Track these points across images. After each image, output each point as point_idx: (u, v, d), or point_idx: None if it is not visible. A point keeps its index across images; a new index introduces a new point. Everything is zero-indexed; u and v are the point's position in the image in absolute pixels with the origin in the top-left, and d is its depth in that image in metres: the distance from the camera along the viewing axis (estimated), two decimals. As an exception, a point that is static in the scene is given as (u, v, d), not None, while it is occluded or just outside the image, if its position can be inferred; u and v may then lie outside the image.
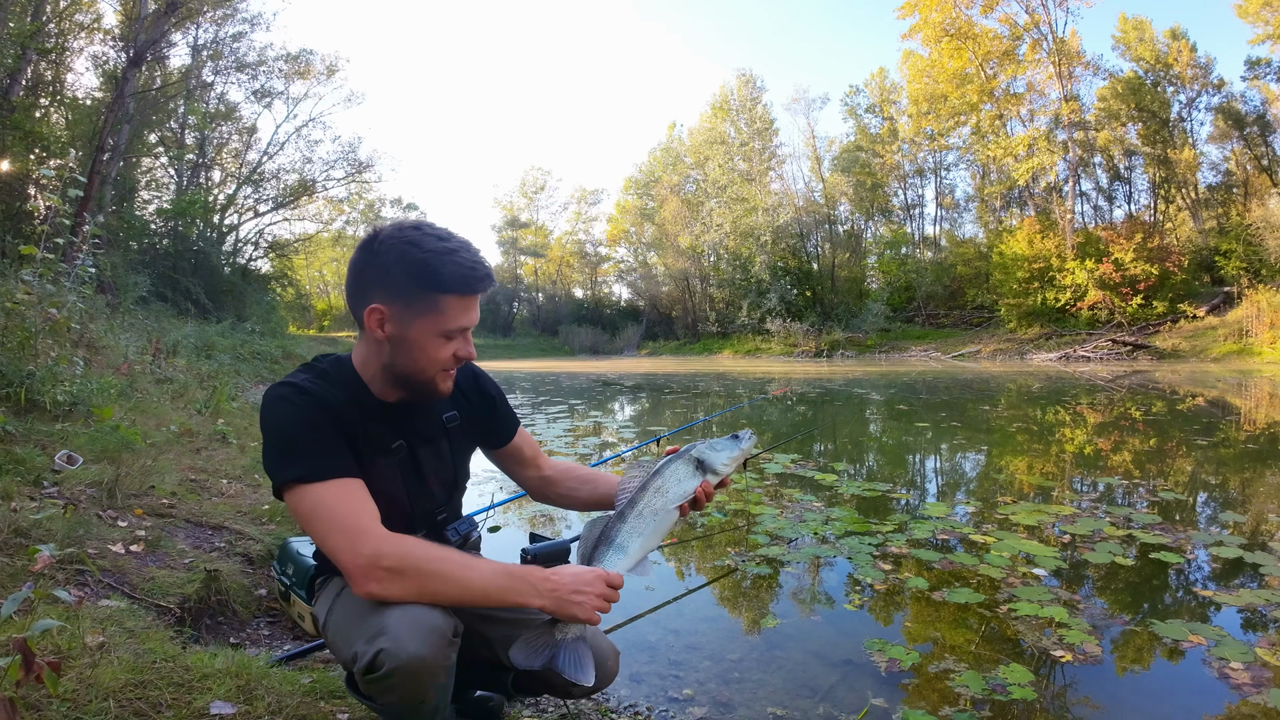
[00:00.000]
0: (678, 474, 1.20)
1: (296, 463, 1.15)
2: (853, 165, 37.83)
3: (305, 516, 1.14)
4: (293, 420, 1.18)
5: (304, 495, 1.14)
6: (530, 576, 1.12)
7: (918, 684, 2.03)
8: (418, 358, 1.22)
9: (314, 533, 1.14)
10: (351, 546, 1.08)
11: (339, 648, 1.22)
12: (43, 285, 4.01)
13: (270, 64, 25.14)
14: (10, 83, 12.11)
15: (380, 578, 1.07)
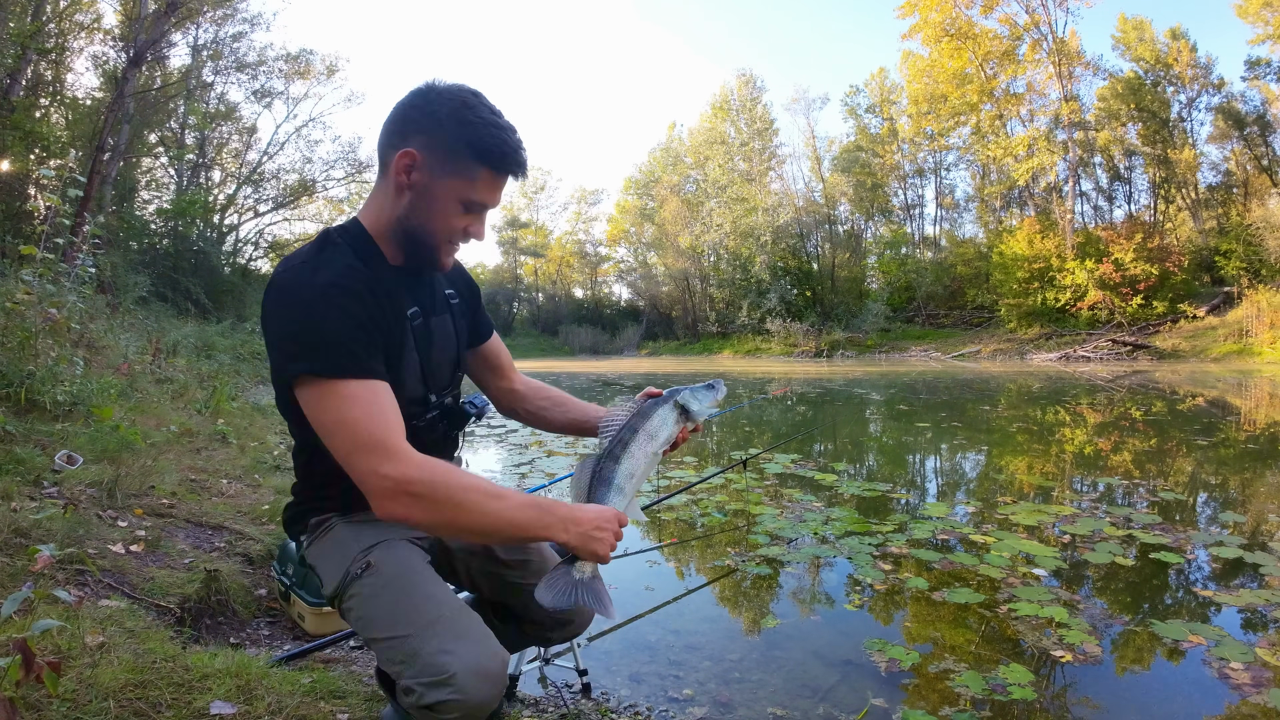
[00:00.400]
0: (665, 419, 1.23)
1: (318, 353, 1.03)
2: (853, 165, 37.84)
3: (323, 421, 1.03)
4: (314, 304, 1.06)
5: (324, 393, 1.03)
6: (557, 510, 1.08)
7: (918, 684, 2.03)
8: (434, 218, 1.16)
9: (334, 441, 1.03)
10: (377, 463, 1.00)
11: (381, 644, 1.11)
12: (43, 285, 4.01)
13: (270, 64, 25.15)
14: (10, 83, 12.11)
15: (406, 503, 1.00)
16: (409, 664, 1.06)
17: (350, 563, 1.17)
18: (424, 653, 1.04)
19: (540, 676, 2.03)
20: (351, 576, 1.16)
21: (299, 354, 1.05)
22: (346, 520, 1.23)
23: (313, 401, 1.04)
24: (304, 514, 1.28)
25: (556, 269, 51.19)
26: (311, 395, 1.04)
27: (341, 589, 1.17)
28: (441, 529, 1.03)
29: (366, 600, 1.14)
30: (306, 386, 1.04)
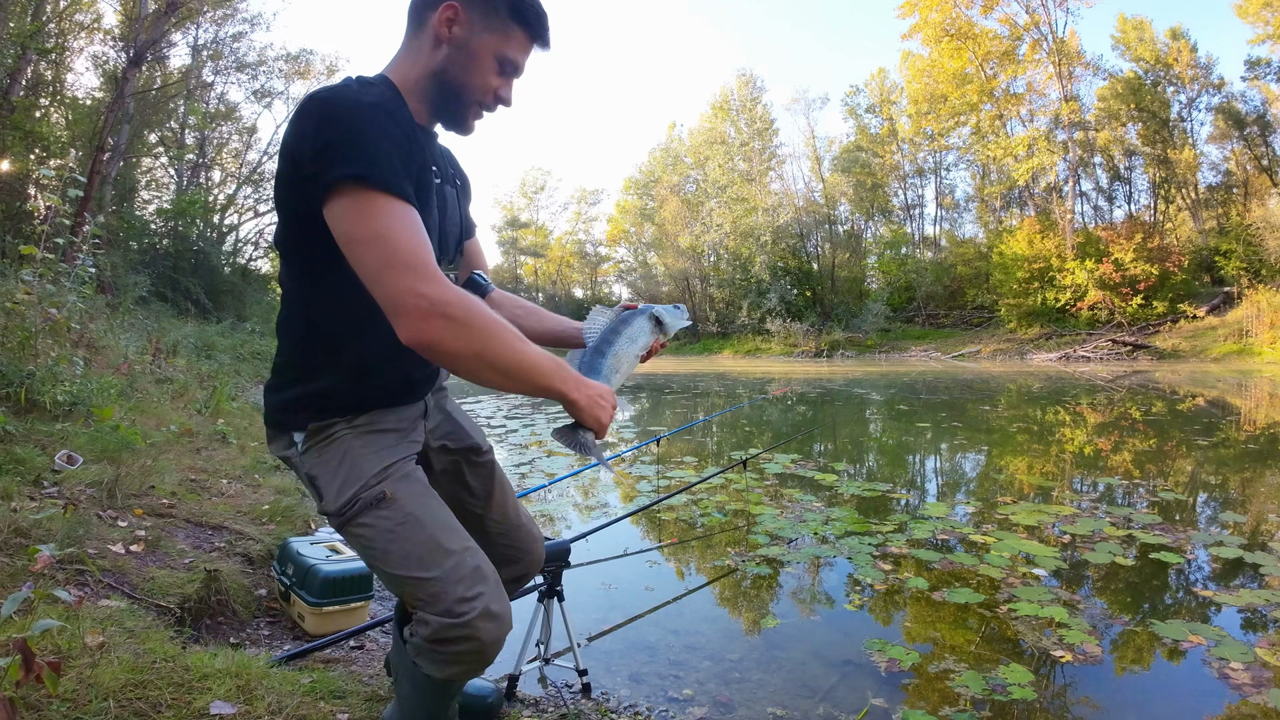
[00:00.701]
0: (644, 327, 1.32)
1: (366, 161, 0.98)
2: (853, 165, 37.83)
3: (359, 233, 0.97)
4: (363, 116, 1.02)
5: (366, 203, 0.97)
6: (570, 370, 1.10)
7: (918, 684, 2.03)
8: (471, 72, 1.17)
9: (368, 255, 0.96)
10: (415, 281, 0.94)
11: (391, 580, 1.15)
12: (43, 285, 4.01)
13: (270, 64, 25.17)
14: (10, 83, 12.11)
15: (441, 326, 0.95)
16: (430, 604, 1.10)
17: (361, 486, 1.15)
18: (447, 597, 1.09)
19: (540, 676, 2.03)
20: (364, 504, 1.14)
21: (345, 159, 0.98)
22: (353, 429, 1.19)
23: (351, 212, 0.98)
24: (300, 409, 1.19)
25: (556, 269, 51.22)
26: (351, 205, 0.98)
27: (348, 512, 1.15)
28: (467, 359, 0.98)
29: (383, 534, 1.14)
30: (347, 195, 0.98)
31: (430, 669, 1.16)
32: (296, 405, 1.20)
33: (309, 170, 1.01)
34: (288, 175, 1.08)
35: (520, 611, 2.45)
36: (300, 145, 1.03)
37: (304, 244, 1.10)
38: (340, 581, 2.24)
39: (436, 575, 1.10)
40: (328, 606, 2.20)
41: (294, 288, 1.20)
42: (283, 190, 1.11)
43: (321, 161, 0.99)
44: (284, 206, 1.13)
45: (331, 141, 1.00)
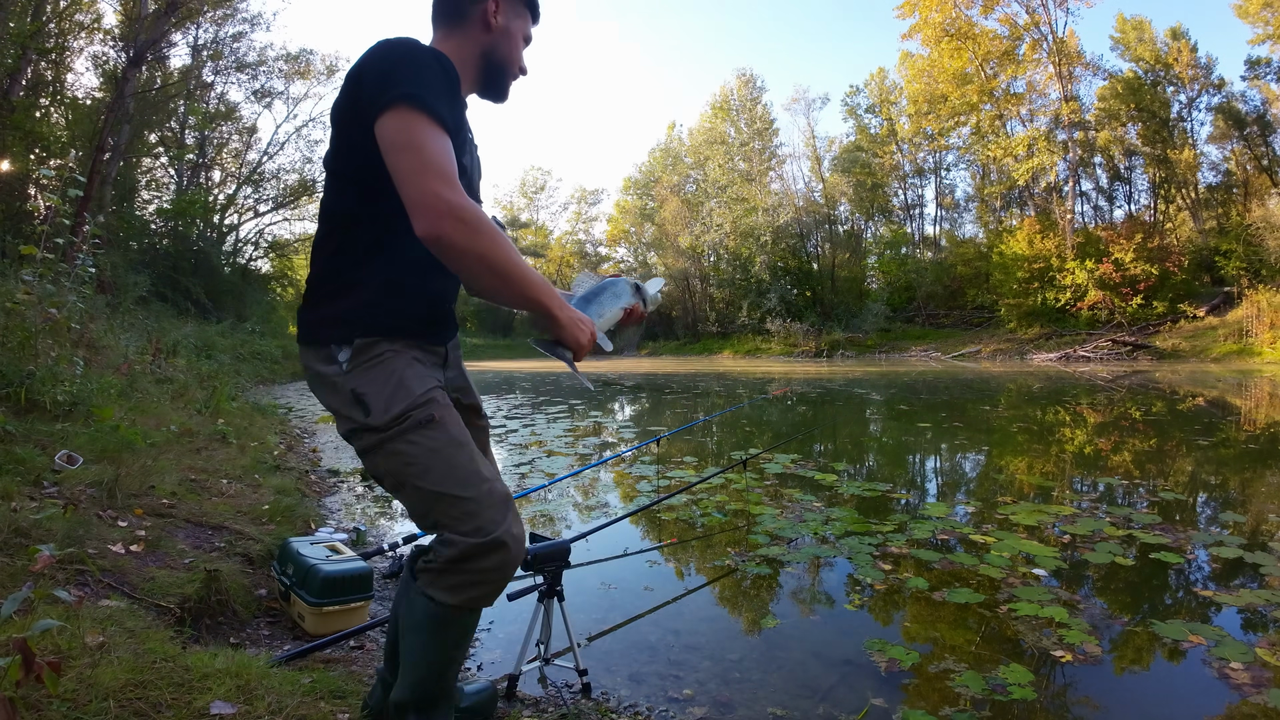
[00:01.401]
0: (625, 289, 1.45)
1: (422, 87, 1.14)
2: (853, 165, 37.83)
3: (402, 140, 1.12)
4: (422, 58, 1.19)
5: (416, 121, 1.12)
6: (558, 293, 1.26)
7: (918, 684, 2.03)
8: (512, 50, 1.41)
9: (406, 158, 1.11)
10: (440, 186, 1.09)
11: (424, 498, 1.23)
12: (43, 285, 4.01)
13: (270, 64, 25.16)
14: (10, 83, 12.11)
15: (455, 226, 1.09)
16: (461, 522, 1.21)
17: (411, 404, 1.23)
18: (480, 516, 1.21)
19: (540, 676, 2.03)
20: (413, 421, 1.23)
21: (402, 83, 1.13)
22: (394, 349, 1.28)
23: (398, 123, 1.12)
24: (341, 323, 1.27)
25: (556, 269, 51.17)
26: (399, 118, 1.12)
27: (395, 428, 1.22)
28: (472, 260, 1.12)
29: (428, 452, 1.23)
30: (398, 111, 1.13)
31: (446, 595, 1.23)
32: (337, 319, 1.27)
33: (370, 94, 1.16)
34: (349, 98, 1.22)
35: (520, 611, 2.45)
36: (365, 72, 1.19)
37: (352, 161, 1.24)
38: (340, 581, 2.24)
39: (473, 495, 1.22)
40: (328, 606, 2.20)
41: (336, 202, 1.30)
42: (344, 114, 1.24)
43: (382, 85, 1.15)
44: (341, 129, 1.26)
45: (393, 70, 1.16)
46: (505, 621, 2.49)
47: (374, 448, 1.26)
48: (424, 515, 1.26)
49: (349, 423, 1.28)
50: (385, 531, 3.61)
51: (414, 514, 1.28)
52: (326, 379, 1.29)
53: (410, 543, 3.05)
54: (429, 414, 1.24)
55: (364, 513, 3.98)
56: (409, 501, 1.27)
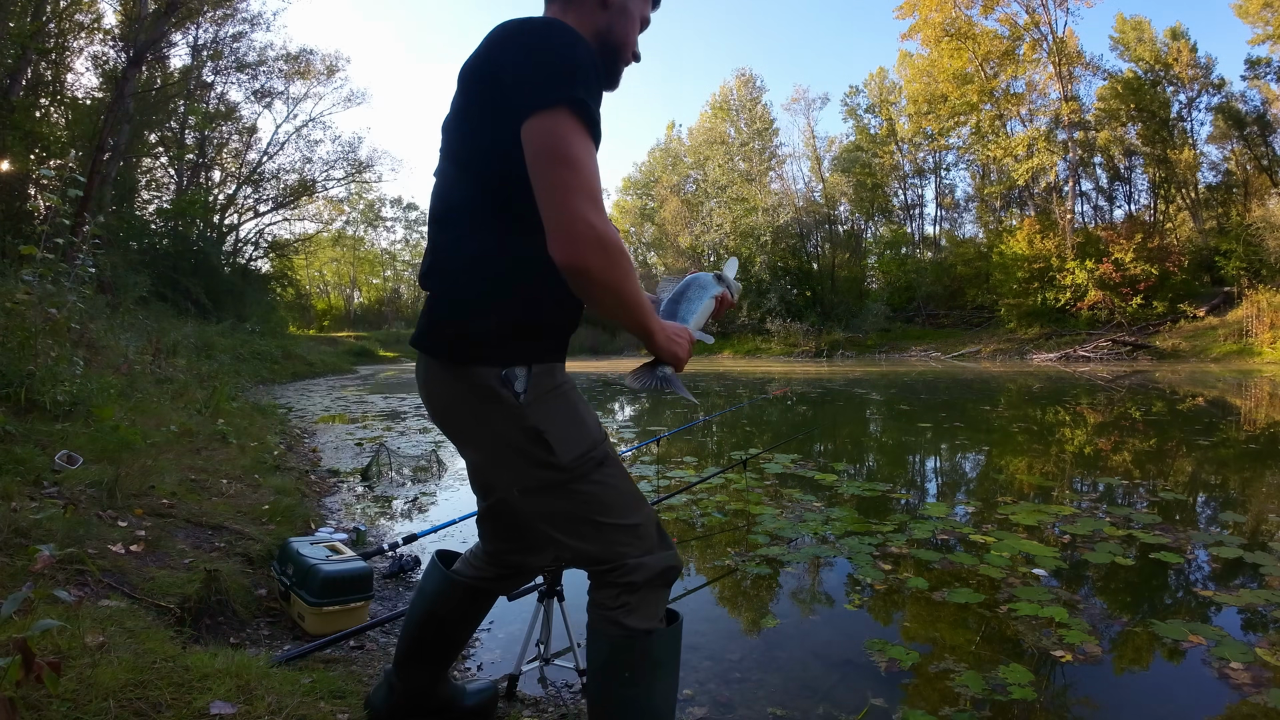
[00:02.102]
0: (709, 281, 1.44)
1: (586, 90, 1.04)
2: (853, 165, 37.81)
3: (559, 156, 1.02)
4: (583, 52, 1.07)
5: (573, 132, 1.02)
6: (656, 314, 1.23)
7: (918, 684, 2.03)
8: (629, 31, 1.27)
9: (560, 174, 1.01)
10: (590, 211, 1.01)
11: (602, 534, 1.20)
12: (43, 285, 4.01)
13: (270, 64, 25.21)
14: (10, 83, 12.12)
15: (599, 257, 1.02)
16: (639, 544, 1.20)
17: (591, 445, 1.20)
18: (652, 534, 1.22)
19: (540, 676, 2.03)
20: (593, 462, 1.19)
21: (568, 81, 1.03)
22: (566, 378, 1.25)
23: (559, 133, 1.02)
24: (514, 342, 1.16)
25: (556, 269, 51.17)
26: (560, 127, 1.02)
27: (578, 470, 1.17)
28: (606, 289, 1.05)
29: (610, 489, 1.20)
30: (560, 117, 1.02)
31: (650, 620, 1.20)
32: (507, 336, 1.15)
33: (526, 85, 1.04)
34: (488, 92, 1.10)
35: (520, 611, 2.45)
36: (519, 55, 1.07)
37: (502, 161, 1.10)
38: (340, 581, 2.24)
39: (642, 519, 1.23)
40: (328, 606, 2.21)
41: (482, 207, 1.16)
42: (483, 110, 1.12)
43: (543, 78, 1.03)
44: (478, 128, 1.13)
45: (557, 61, 1.05)
46: (505, 621, 2.49)
47: (553, 488, 1.18)
48: (600, 549, 1.20)
49: (520, 457, 1.17)
50: (385, 531, 3.61)
51: (584, 552, 1.22)
52: (492, 403, 1.14)
53: (410, 542, 3.06)
54: (605, 451, 1.21)
55: (364, 513, 3.98)
56: (586, 544, 1.21)
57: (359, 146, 30.64)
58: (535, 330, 1.18)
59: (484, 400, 1.15)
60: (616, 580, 1.20)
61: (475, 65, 1.13)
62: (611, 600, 1.20)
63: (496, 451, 1.20)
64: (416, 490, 4.54)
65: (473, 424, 1.20)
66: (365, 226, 40.02)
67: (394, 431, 7.35)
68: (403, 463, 5.10)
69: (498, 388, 1.14)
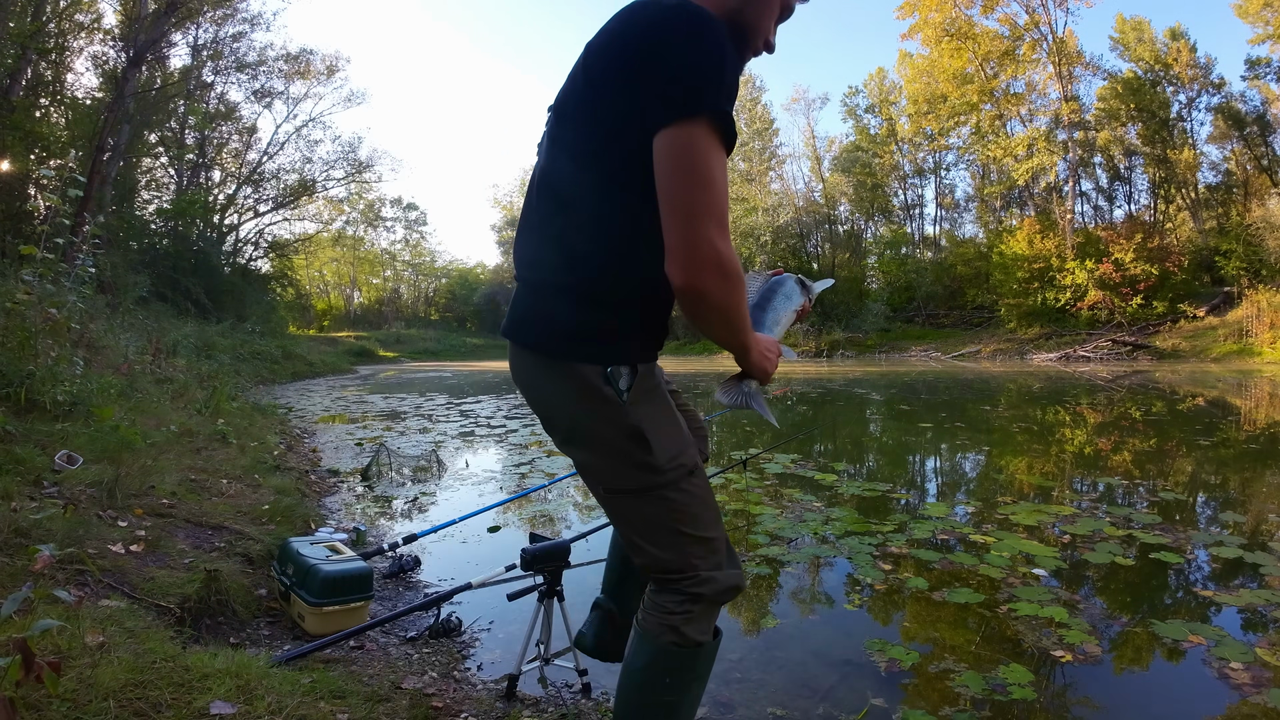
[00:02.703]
0: (794, 288, 1.49)
1: (727, 100, 0.98)
2: (853, 165, 37.83)
3: (693, 172, 0.97)
4: (729, 51, 1.00)
5: (711, 147, 0.97)
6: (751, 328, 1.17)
7: (918, 684, 2.03)
8: (765, 15, 1.16)
9: (690, 193, 0.97)
10: (716, 234, 0.97)
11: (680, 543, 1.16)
12: (43, 285, 4.01)
13: (270, 64, 25.22)
14: (10, 83, 12.12)
15: (716, 277, 0.99)
16: (711, 556, 1.17)
17: (683, 453, 1.16)
18: (724, 550, 1.20)
19: (540, 676, 2.03)
20: (684, 469, 1.16)
21: (716, 91, 0.97)
22: (661, 374, 1.24)
23: (697, 148, 0.96)
24: (622, 339, 1.12)
25: (556, 269, 51.17)
26: (698, 141, 0.96)
27: (669, 474, 1.14)
28: (719, 311, 1.03)
29: (696, 499, 1.18)
30: (700, 130, 0.96)
31: (701, 630, 1.18)
32: (614, 333, 1.11)
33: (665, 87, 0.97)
34: (622, 86, 1.02)
35: (520, 611, 2.45)
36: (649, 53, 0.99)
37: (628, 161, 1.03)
38: (340, 581, 2.24)
39: (718, 534, 1.20)
40: (328, 606, 2.21)
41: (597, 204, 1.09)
42: (615, 105, 1.03)
43: (685, 84, 0.96)
44: (605, 123, 1.05)
45: (702, 66, 0.97)
46: (505, 621, 2.49)
47: (643, 491, 1.14)
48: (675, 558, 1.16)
49: (619, 455, 1.13)
50: (385, 531, 3.61)
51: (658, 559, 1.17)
52: (594, 399, 1.10)
53: (410, 542, 3.06)
54: (694, 459, 1.19)
55: (364, 513, 3.98)
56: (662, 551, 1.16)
57: (359, 146, 30.64)
58: (639, 329, 1.13)
59: (587, 398, 1.11)
60: (685, 589, 1.16)
61: (607, 52, 1.04)
62: (675, 606, 1.16)
63: (596, 449, 1.17)
64: (416, 490, 4.54)
65: (574, 421, 1.17)
66: (365, 226, 39.99)
67: (394, 431, 7.36)
68: (403, 463, 5.10)
69: (600, 385, 1.10)
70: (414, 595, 2.74)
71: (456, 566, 3.08)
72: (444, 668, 2.11)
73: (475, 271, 51.99)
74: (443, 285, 50.66)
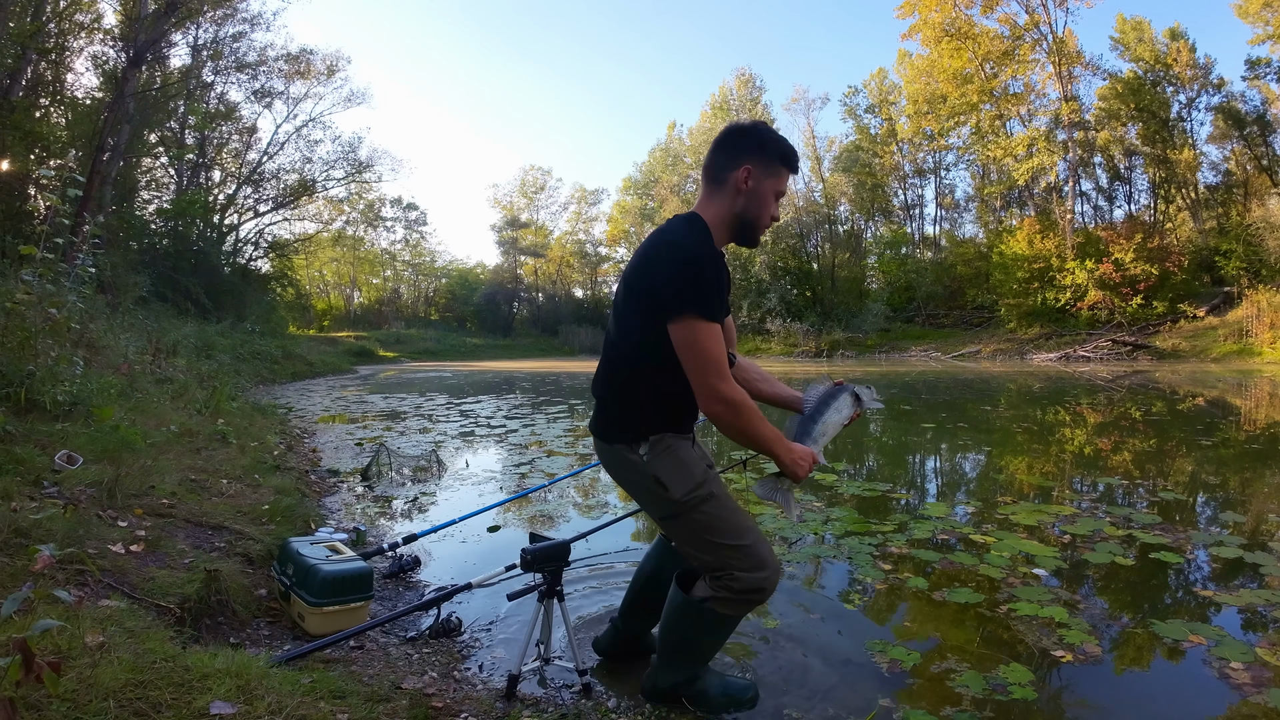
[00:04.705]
0: (846, 401, 1.86)
1: (704, 302, 1.56)
2: (853, 165, 37.83)
3: (690, 345, 1.57)
4: (706, 266, 1.58)
5: (698, 329, 1.56)
6: (785, 440, 1.72)
7: (918, 684, 2.03)
8: (761, 208, 1.72)
9: (694, 362, 1.58)
10: (717, 382, 1.57)
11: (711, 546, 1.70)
12: (43, 285, 4.00)
13: (270, 64, 25.19)
14: (10, 83, 12.12)
15: (723, 409, 1.59)
16: (745, 559, 1.69)
17: (697, 485, 1.70)
18: (760, 554, 1.70)
19: (540, 677, 2.03)
20: (700, 497, 1.70)
21: (692, 299, 1.55)
22: (677, 438, 1.74)
23: (688, 333, 1.56)
24: (641, 425, 1.73)
25: (556, 269, 51.13)
26: (688, 329, 1.56)
27: (689, 502, 1.69)
28: (731, 431, 1.62)
29: (715, 517, 1.71)
30: (688, 322, 1.56)
31: (728, 609, 1.74)
32: (637, 425, 1.74)
33: (665, 300, 1.58)
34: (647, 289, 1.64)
35: (520, 612, 2.45)
36: (653, 273, 1.63)
37: (650, 335, 1.64)
38: (340, 581, 2.24)
39: (751, 542, 1.72)
40: (328, 606, 2.21)
41: (641, 355, 1.71)
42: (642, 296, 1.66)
43: (674, 297, 1.57)
44: (639, 305, 1.68)
45: (683, 282, 1.57)
46: (505, 622, 2.49)
47: (674, 516, 1.73)
48: (715, 562, 1.70)
49: (651, 495, 1.74)
50: (385, 531, 3.61)
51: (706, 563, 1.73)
52: (631, 464, 1.75)
53: (410, 542, 3.06)
54: (709, 490, 1.71)
55: (364, 513, 3.98)
56: (703, 554, 1.72)
57: (359, 146, 30.53)
58: (653, 417, 1.74)
59: (626, 464, 1.77)
60: (722, 582, 1.70)
61: (637, 276, 1.68)
62: (715, 590, 1.72)
63: (639, 494, 1.81)
64: (416, 490, 4.54)
65: (627, 479, 1.81)
66: (365, 226, 39.91)
67: (394, 431, 7.36)
68: (403, 463, 5.10)
69: (629, 455, 1.75)
70: (414, 595, 2.74)
71: (456, 566, 3.08)
72: (444, 668, 2.11)
73: (475, 271, 51.95)
74: (443, 285, 50.63)
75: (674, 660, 1.84)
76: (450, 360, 31.39)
